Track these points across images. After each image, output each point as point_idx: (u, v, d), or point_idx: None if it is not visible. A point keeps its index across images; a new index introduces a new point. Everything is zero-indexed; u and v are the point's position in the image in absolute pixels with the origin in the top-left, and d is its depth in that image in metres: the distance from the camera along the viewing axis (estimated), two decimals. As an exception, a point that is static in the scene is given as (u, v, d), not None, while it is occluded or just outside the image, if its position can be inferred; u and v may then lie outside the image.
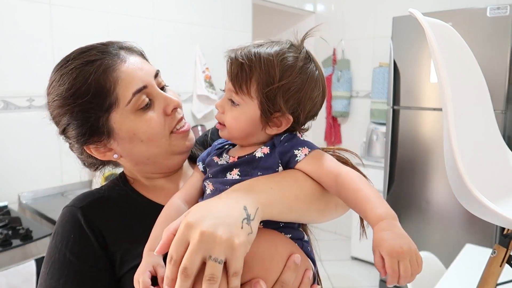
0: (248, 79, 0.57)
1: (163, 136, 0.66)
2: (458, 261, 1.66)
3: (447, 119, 0.76)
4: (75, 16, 2.11)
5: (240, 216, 0.47)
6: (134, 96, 0.62)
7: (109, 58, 0.62)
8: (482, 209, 0.76)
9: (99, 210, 0.66)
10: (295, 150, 0.59)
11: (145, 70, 0.65)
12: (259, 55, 0.58)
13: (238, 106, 0.60)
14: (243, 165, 0.60)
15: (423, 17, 0.79)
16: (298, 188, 0.57)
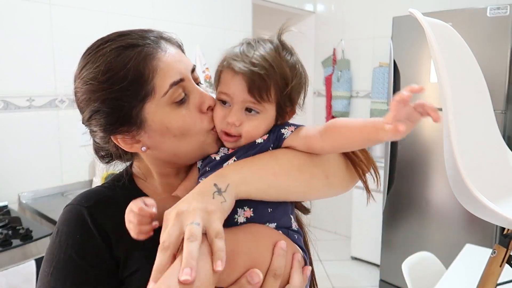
0: (268, 87, 0.59)
1: (198, 133, 0.63)
2: (458, 261, 1.66)
3: (447, 119, 0.76)
4: (75, 16, 2.11)
5: (211, 191, 0.50)
6: (171, 87, 0.59)
7: (150, 45, 0.60)
8: (482, 209, 0.76)
9: (105, 210, 0.64)
10: (282, 129, 0.62)
11: (184, 63, 0.63)
12: (268, 61, 0.58)
13: (258, 114, 0.60)
14: (240, 151, 0.61)
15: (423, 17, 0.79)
16: (275, 163, 0.57)
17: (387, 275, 2.81)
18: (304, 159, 0.59)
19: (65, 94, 2.10)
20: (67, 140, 2.13)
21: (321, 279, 3.01)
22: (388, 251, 2.79)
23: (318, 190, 0.62)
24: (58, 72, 2.06)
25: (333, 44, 3.66)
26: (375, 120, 0.51)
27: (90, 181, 2.22)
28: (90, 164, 2.23)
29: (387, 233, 2.79)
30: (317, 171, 0.61)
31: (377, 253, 2.97)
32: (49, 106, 2.04)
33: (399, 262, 1.68)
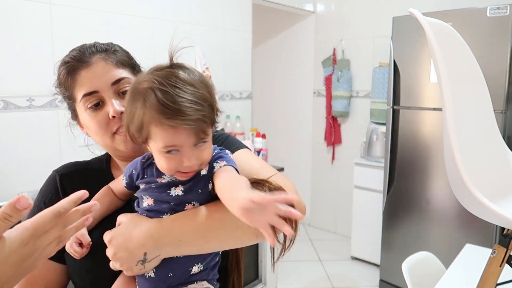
0: (207, 124, 0.64)
1: (105, 135, 0.77)
2: (458, 261, 1.66)
3: (447, 119, 0.76)
4: (75, 15, 2.11)
5: (137, 259, 0.64)
6: (83, 97, 0.75)
7: (77, 63, 0.76)
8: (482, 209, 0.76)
9: (73, 180, 0.83)
10: (214, 163, 0.68)
11: (104, 78, 0.75)
12: (199, 103, 0.61)
13: (206, 143, 0.65)
14: (187, 182, 0.67)
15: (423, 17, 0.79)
16: (209, 231, 0.65)
17: (387, 275, 2.81)
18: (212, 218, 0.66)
19: (65, 94, 2.10)
20: (67, 140, 2.13)
21: (321, 279, 3.01)
22: (388, 251, 2.79)
23: (246, 244, 0.71)
24: (58, 72, 2.06)
25: (333, 44, 3.66)
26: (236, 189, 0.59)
27: (90, 181, 2.22)
28: (90, 164, 2.23)
29: (387, 233, 2.79)
30: (248, 231, 0.66)
31: (377, 253, 2.97)
32: (49, 106, 2.04)
33: (399, 262, 1.68)
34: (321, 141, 3.86)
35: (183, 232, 0.64)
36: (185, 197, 0.67)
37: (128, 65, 0.80)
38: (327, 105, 3.73)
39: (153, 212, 0.68)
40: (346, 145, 3.72)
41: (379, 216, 2.87)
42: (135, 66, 0.83)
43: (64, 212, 0.54)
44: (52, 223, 0.53)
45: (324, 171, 3.88)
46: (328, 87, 3.69)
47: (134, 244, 0.64)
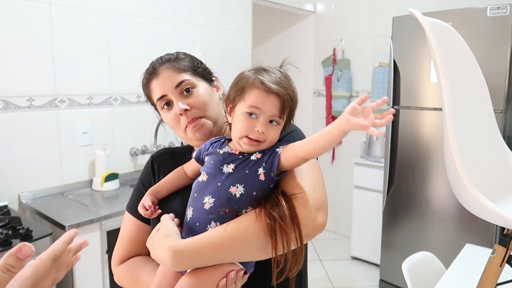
0: (291, 107, 0.78)
1: (179, 130, 0.92)
2: (458, 261, 1.66)
3: (447, 119, 0.76)
4: (75, 15, 2.11)
5: (166, 267, 0.76)
6: (157, 101, 0.92)
7: (149, 75, 0.93)
8: (482, 209, 0.76)
9: (161, 161, 1.00)
10: (277, 148, 0.77)
11: (168, 83, 0.89)
12: (293, 90, 0.79)
13: (278, 125, 0.78)
14: (238, 161, 0.77)
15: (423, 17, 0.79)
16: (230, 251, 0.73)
17: (387, 275, 2.81)
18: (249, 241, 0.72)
19: (65, 94, 2.10)
20: (67, 140, 2.13)
21: (321, 279, 3.01)
22: (388, 251, 2.79)
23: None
24: (58, 72, 2.06)
25: (333, 44, 3.66)
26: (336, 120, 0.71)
27: (90, 181, 2.22)
28: (90, 164, 2.23)
29: (387, 233, 2.79)
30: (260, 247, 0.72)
31: (377, 253, 2.97)
32: (49, 106, 2.04)
33: (399, 262, 1.68)
34: (321, 141, 3.85)
35: (202, 258, 0.72)
36: (233, 177, 0.75)
37: (190, 68, 0.93)
38: (327, 105, 3.73)
39: (198, 191, 0.78)
40: (346, 145, 3.72)
41: (379, 216, 2.87)
42: (197, 69, 0.95)
43: (60, 254, 0.58)
44: (51, 267, 0.57)
45: (324, 171, 3.84)
46: (328, 87, 3.69)
47: (158, 259, 0.76)
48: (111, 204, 1.99)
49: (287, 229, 0.69)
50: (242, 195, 0.74)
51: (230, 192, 0.74)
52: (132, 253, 0.95)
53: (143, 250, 0.92)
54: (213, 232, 0.72)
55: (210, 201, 0.74)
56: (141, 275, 0.89)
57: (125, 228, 0.97)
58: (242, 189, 0.74)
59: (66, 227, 1.66)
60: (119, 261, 0.95)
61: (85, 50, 2.17)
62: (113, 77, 2.31)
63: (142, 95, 1.00)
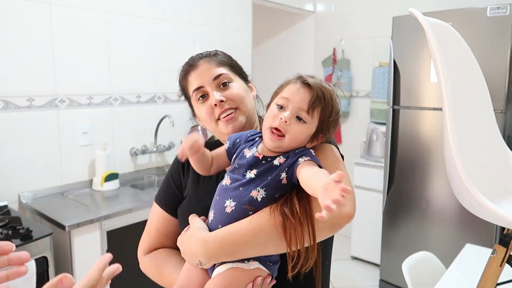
0: (321, 106, 0.76)
1: (211, 122, 0.91)
2: (458, 261, 1.66)
3: (447, 119, 0.76)
4: (75, 15, 2.11)
5: (196, 262, 0.77)
6: (193, 92, 0.93)
7: (188, 67, 0.95)
8: (482, 209, 0.76)
9: None
10: (300, 158, 0.75)
11: (206, 75, 0.91)
12: (329, 92, 0.78)
13: (305, 123, 0.76)
14: (261, 167, 0.77)
15: (423, 17, 0.79)
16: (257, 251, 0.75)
17: (387, 275, 2.81)
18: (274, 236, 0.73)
19: (65, 94, 2.10)
20: (67, 140, 2.13)
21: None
22: (388, 251, 2.79)
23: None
24: (58, 72, 2.06)
25: (333, 43, 3.66)
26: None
27: (90, 181, 2.22)
28: (90, 164, 2.23)
29: (387, 233, 2.79)
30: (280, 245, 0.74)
31: (377, 253, 2.97)
32: (49, 106, 2.04)
33: (399, 262, 1.68)
34: (321, 141, 3.85)
35: (228, 249, 0.74)
36: (255, 182, 0.76)
37: (227, 64, 0.95)
38: (327, 105, 3.73)
39: (221, 195, 0.79)
40: (346, 145, 3.72)
41: (379, 216, 2.87)
42: (235, 66, 0.97)
43: (96, 284, 0.59)
44: None
45: (324, 171, 3.87)
46: (328, 87, 3.69)
47: (189, 254, 0.78)
48: (111, 204, 1.99)
49: (296, 226, 0.71)
50: (264, 198, 0.75)
51: (252, 196, 0.75)
52: (158, 244, 0.98)
53: (168, 242, 0.97)
54: (236, 225, 0.75)
55: (231, 204, 0.76)
56: (165, 269, 0.92)
57: (153, 219, 1.00)
58: (263, 193, 0.75)
59: (66, 227, 1.66)
60: (145, 251, 0.99)
61: (85, 50, 2.17)
62: (113, 77, 2.31)
63: (142, 95, 1.01)
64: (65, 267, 1.74)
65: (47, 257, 1.56)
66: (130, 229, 1.88)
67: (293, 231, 0.71)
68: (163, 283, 0.92)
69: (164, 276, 0.91)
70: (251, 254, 0.74)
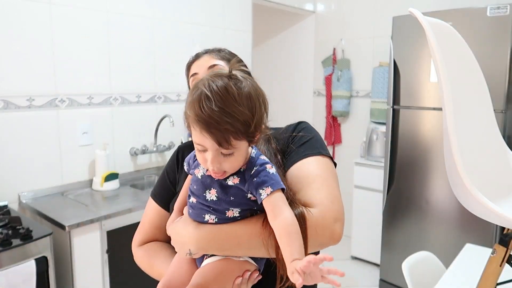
0: (234, 136, 0.68)
1: None
2: (458, 261, 1.66)
3: (447, 119, 0.76)
4: (75, 15, 2.11)
5: (185, 252, 0.78)
6: (190, 77, 1.00)
7: (193, 59, 1.01)
8: (482, 209, 0.76)
9: (186, 152, 0.97)
10: (260, 189, 0.71)
11: (204, 64, 0.97)
12: (227, 112, 0.66)
13: (233, 154, 0.70)
14: (218, 187, 0.74)
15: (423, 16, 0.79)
16: (239, 245, 0.75)
17: (387, 274, 2.81)
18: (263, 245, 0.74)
19: (65, 94, 2.10)
20: (67, 140, 2.13)
21: (321, 279, 3.01)
22: (388, 251, 2.79)
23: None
24: (58, 72, 2.06)
25: (333, 43, 3.66)
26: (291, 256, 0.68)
27: (90, 181, 2.22)
28: (90, 164, 2.23)
29: (387, 233, 2.79)
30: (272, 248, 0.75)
31: (377, 253, 2.97)
32: (49, 106, 2.04)
33: (399, 262, 1.68)
34: (321, 141, 3.85)
35: (219, 244, 0.75)
36: (221, 203, 0.74)
37: (228, 60, 0.98)
38: (327, 104, 3.73)
39: (196, 210, 0.77)
40: (346, 145, 3.72)
41: (379, 216, 2.87)
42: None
43: None
44: None
45: (324, 171, 3.87)
46: (328, 86, 3.69)
47: (181, 242, 0.78)
48: (111, 204, 1.99)
49: None
50: (242, 213, 0.75)
51: (228, 216, 0.74)
52: (151, 237, 1.01)
53: (160, 235, 1.00)
54: (231, 225, 0.75)
55: (213, 218, 0.76)
56: (155, 261, 0.94)
57: (147, 213, 1.03)
58: (238, 210, 0.75)
59: (66, 227, 1.66)
60: (139, 243, 1.02)
61: (85, 50, 2.17)
62: (113, 77, 2.31)
63: (142, 94, 1.03)
64: (65, 267, 1.74)
65: (47, 257, 1.56)
66: (130, 229, 1.88)
67: None
68: (153, 274, 0.94)
69: (154, 267, 0.93)
70: (241, 254, 0.75)
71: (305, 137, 0.89)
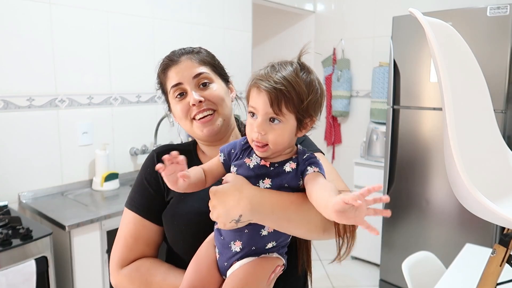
0: (286, 101, 0.71)
1: (186, 120, 0.91)
2: (458, 261, 1.66)
3: (447, 119, 0.76)
4: (75, 15, 2.11)
5: (232, 218, 0.72)
6: (171, 88, 0.91)
7: (169, 61, 0.93)
8: (482, 209, 0.76)
9: None
10: (309, 166, 0.74)
11: (187, 72, 0.90)
12: (287, 80, 0.71)
13: (280, 123, 0.72)
14: (274, 176, 0.75)
15: (423, 16, 0.79)
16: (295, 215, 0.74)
17: (387, 274, 2.81)
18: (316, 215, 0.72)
19: (65, 94, 2.10)
20: (67, 140, 2.13)
21: (321, 279, 3.01)
22: (388, 251, 2.79)
23: (313, 237, 0.80)
24: (58, 72, 2.06)
25: (333, 43, 3.66)
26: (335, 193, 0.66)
27: (90, 181, 2.22)
28: (90, 163, 2.23)
29: (387, 233, 2.79)
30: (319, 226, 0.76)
31: (377, 253, 2.97)
32: (49, 106, 2.04)
33: (399, 262, 1.68)
34: (321, 141, 3.86)
35: (276, 207, 0.72)
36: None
37: (209, 64, 0.94)
38: (327, 104, 3.73)
39: None
40: (346, 145, 3.72)
41: (379, 216, 2.87)
42: (217, 66, 0.96)
43: None
44: None
45: (324, 171, 3.87)
46: (328, 86, 3.69)
47: (232, 204, 0.71)
48: (111, 204, 1.99)
49: None
50: None
51: None
52: (138, 254, 0.90)
53: (149, 251, 0.91)
54: (284, 192, 0.74)
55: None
56: (154, 278, 0.85)
57: (127, 227, 0.92)
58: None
59: (66, 226, 1.66)
60: (122, 263, 0.90)
61: (85, 50, 2.17)
62: (113, 77, 2.31)
63: (142, 94, 1.02)
64: (65, 267, 1.74)
65: (47, 257, 1.56)
66: (130, 229, 1.88)
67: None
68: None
69: (153, 285, 0.85)
70: (293, 217, 0.73)
71: (300, 138, 0.89)
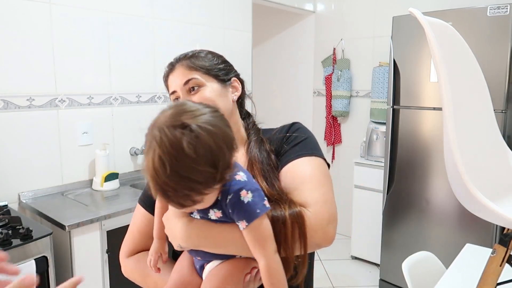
0: (192, 196, 0.66)
1: None
2: (458, 261, 1.66)
3: (447, 119, 0.76)
4: (75, 15, 2.11)
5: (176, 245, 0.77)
6: (170, 96, 0.95)
7: (168, 70, 0.95)
8: (482, 209, 0.76)
9: None
10: (237, 222, 0.71)
11: (179, 79, 0.92)
12: (184, 178, 0.63)
13: (201, 201, 0.70)
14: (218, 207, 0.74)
15: (423, 16, 0.79)
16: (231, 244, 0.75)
17: (387, 274, 2.81)
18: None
19: (65, 94, 2.10)
20: (67, 140, 2.13)
21: (321, 279, 3.01)
22: (388, 250, 2.79)
23: None
24: (58, 72, 2.06)
25: (333, 43, 3.66)
26: None
27: (90, 181, 2.22)
28: (90, 163, 2.23)
29: (387, 233, 2.79)
30: None
31: (377, 253, 2.97)
32: (49, 106, 2.04)
33: (399, 262, 1.68)
34: (321, 141, 3.86)
35: (211, 241, 0.75)
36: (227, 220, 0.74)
37: (203, 68, 0.93)
38: (327, 104, 3.73)
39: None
40: (346, 145, 3.72)
41: (379, 216, 2.87)
42: (212, 68, 0.94)
43: None
44: None
45: (324, 171, 3.87)
46: (328, 86, 3.69)
47: (172, 235, 0.78)
48: (111, 204, 1.99)
49: (288, 234, 0.73)
50: None
51: None
52: (141, 247, 0.97)
53: (152, 243, 0.95)
54: (225, 224, 0.74)
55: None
56: (149, 271, 0.90)
57: (136, 221, 1.00)
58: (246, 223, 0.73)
59: (66, 226, 1.66)
60: (128, 254, 0.97)
61: (85, 50, 2.17)
62: (113, 77, 2.31)
63: (142, 94, 1.03)
64: (65, 267, 1.74)
65: (47, 257, 1.56)
66: (130, 229, 1.88)
67: (285, 239, 0.73)
68: (148, 285, 0.91)
69: (148, 279, 0.91)
70: (234, 251, 0.75)
71: (299, 137, 0.90)
